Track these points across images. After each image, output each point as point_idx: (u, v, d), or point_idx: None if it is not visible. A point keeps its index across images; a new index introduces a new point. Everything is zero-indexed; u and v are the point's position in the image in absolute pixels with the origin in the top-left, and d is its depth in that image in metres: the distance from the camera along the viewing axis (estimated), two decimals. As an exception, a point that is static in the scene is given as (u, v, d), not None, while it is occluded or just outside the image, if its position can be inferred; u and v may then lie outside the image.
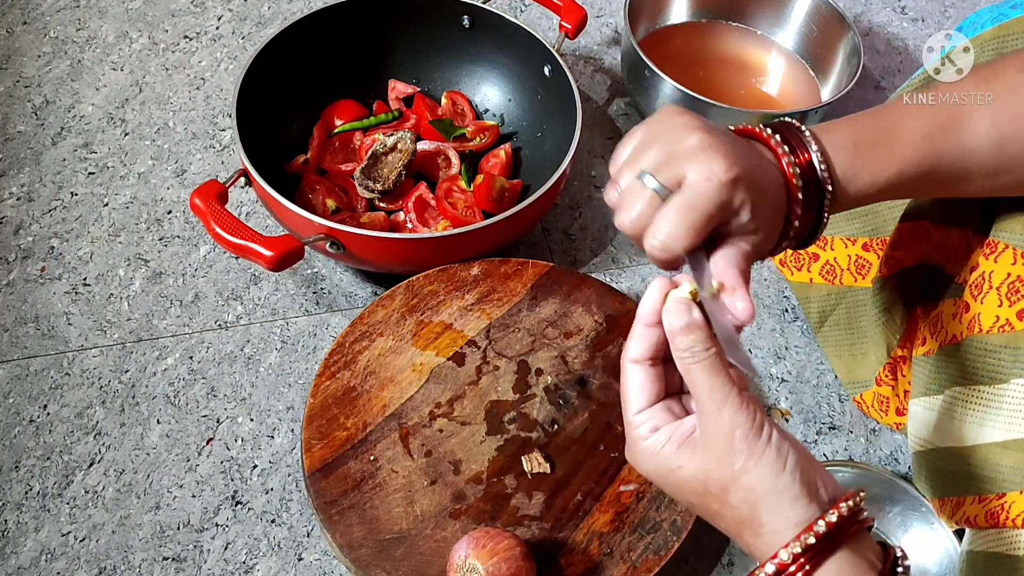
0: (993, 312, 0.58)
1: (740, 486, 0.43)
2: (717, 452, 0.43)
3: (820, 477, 0.43)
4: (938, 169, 0.52)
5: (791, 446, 0.43)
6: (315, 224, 0.74)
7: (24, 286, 0.83)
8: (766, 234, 0.49)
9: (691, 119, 0.48)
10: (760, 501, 0.42)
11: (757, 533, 0.43)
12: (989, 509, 0.59)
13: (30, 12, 1.09)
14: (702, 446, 0.44)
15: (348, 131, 0.93)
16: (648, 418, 0.46)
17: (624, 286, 0.88)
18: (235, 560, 0.68)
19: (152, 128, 0.98)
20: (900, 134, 0.52)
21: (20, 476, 0.71)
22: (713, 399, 0.43)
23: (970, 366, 0.61)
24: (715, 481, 0.44)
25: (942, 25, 1.21)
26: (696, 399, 0.45)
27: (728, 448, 0.43)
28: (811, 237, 0.52)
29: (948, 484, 0.64)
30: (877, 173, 0.51)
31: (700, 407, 0.44)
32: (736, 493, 0.43)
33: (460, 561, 0.59)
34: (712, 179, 0.45)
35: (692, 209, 0.45)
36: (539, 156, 0.93)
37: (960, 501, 0.62)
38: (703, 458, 0.44)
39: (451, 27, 0.95)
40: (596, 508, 0.66)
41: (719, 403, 0.43)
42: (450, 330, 0.76)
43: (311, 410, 0.70)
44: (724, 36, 1.08)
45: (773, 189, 0.48)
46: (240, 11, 1.12)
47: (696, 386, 0.44)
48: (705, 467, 0.44)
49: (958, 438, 0.62)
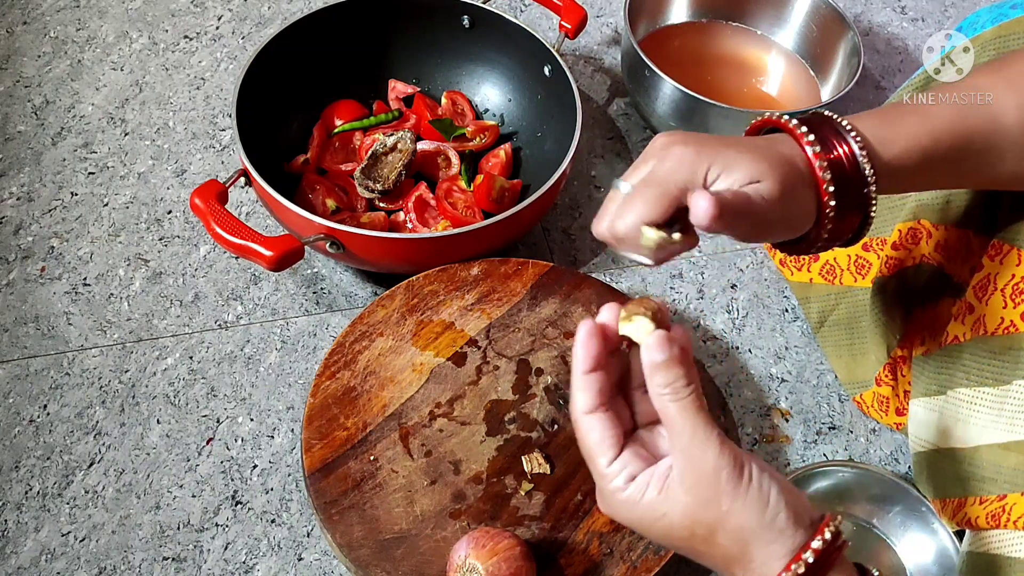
0: (998, 314, 0.58)
1: (729, 527, 0.42)
2: (702, 495, 0.43)
3: (800, 502, 0.43)
4: (972, 144, 0.51)
5: (770, 477, 0.43)
6: (315, 224, 0.74)
7: (24, 286, 0.83)
8: (774, 201, 0.46)
9: (673, 136, 0.48)
10: (750, 539, 0.42)
11: (747, 568, 0.43)
12: (990, 511, 0.59)
13: (30, 12, 1.09)
14: (684, 490, 0.43)
15: (348, 131, 0.93)
16: (622, 467, 0.45)
17: (624, 286, 0.88)
18: (235, 560, 0.68)
19: (152, 128, 0.98)
20: (930, 109, 0.51)
21: (20, 476, 0.71)
22: (696, 440, 0.42)
23: (974, 368, 0.61)
24: (702, 523, 0.43)
25: (942, 25, 1.21)
26: (674, 438, 0.43)
27: (714, 491, 0.42)
28: (860, 231, 0.51)
29: (950, 485, 0.64)
30: (911, 141, 0.50)
31: (680, 447, 0.43)
32: (725, 534, 0.43)
33: (460, 561, 0.59)
34: (666, 149, 0.46)
35: (646, 184, 0.45)
36: (539, 156, 0.93)
37: (962, 502, 0.62)
38: (687, 502, 0.43)
39: (451, 27, 0.95)
40: (596, 508, 0.66)
41: (702, 444, 0.42)
42: (450, 330, 0.76)
43: (311, 410, 0.70)
44: (724, 36, 1.08)
45: (778, 162, 0.47)
46: (240, 11, 1.12)
47: (675, 425, 0.43)
48: (691, 512, 0.43)
49: (960, 439, 0.62)
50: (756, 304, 0.88)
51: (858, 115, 0.52)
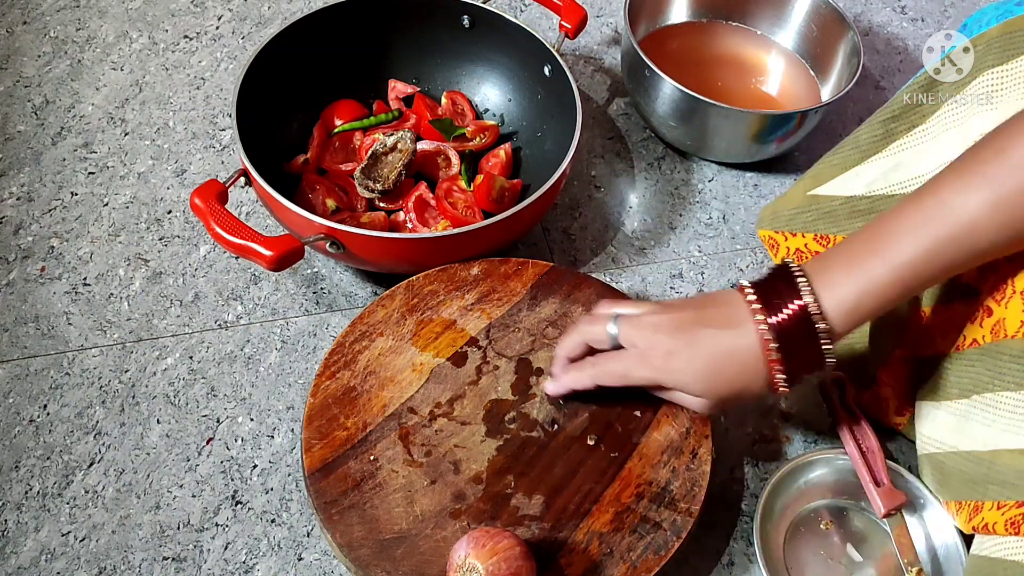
0: (1018, 317, 0.58)
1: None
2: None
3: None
4: (944, 261, 0.55)
5: None
6: (315, 224, 0.74)
7: (24, 286, 0.83)
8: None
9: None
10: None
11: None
12: (1009, 517, 0.58)
13: (30, 12, 1.09)
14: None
15: (348, 131, 0.93)
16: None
17: (624, 286, 0.88)
18: (235, 560, 0.68)
19: (152, 128, 0.98)
20: (892, 246, 0.56)
21: (20, 476, 0.71)
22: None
23: (995, 371, 0.60)
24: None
25: (942, 25, 1.21)
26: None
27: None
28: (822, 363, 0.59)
29: (966, 488, 0.63)
30: (870, 288, 0.57)
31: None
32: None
33: (460, 561, 0.59)
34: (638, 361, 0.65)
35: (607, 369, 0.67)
36: (539, 156, 0.93)
37: (979, 506, 0.62)
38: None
39: (451, 27, 0.95)
40: (596, 508, 0.66)
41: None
42: (450, 330, 0.76)
43: (311, 410, 0.70)
44: (724, 36, 1.08)
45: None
46: (240, 11, 1.12)
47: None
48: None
49: (980, 442, 0.61)
50: (756, 304, 0.88)
51: (817, 266, 0.60)
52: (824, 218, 0.76)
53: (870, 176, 0.72)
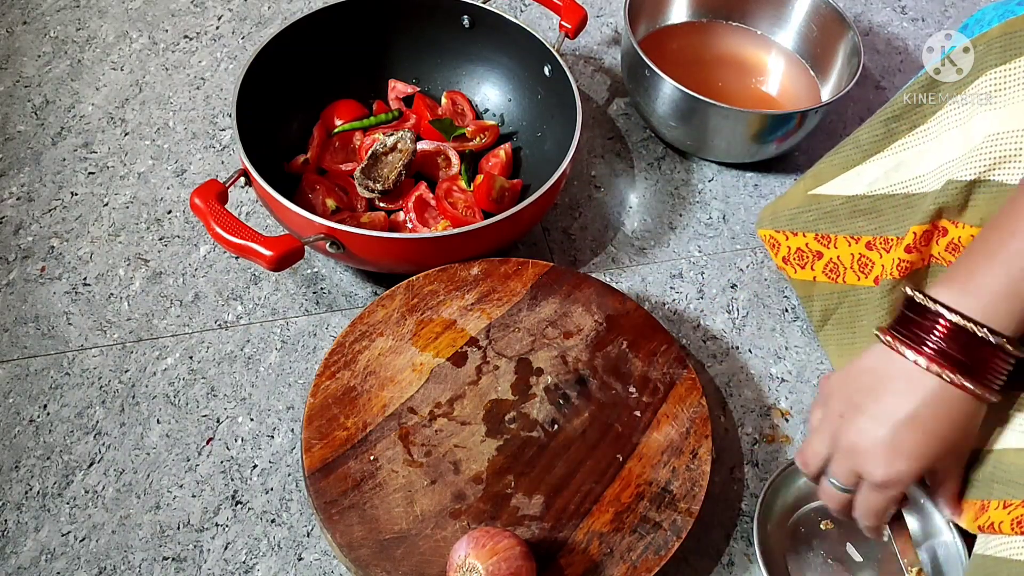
0: None
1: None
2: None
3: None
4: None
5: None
6: (315, 224, 0.74)
7: (24, 286, 0.83)
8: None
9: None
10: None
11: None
12: (1015, 516, 0.58)
13: (30, 12, 1.09)
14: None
15: (348, 131, 0.93)
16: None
17: (624, 286, 0.88)
18: (235, 560, 0.68)
19: (152, 128, 0.98)
20: (1000, 250, 0.56)
21: (20, 476, 0.71)
22: None
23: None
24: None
25: (942, 25, 1.21)
26: None
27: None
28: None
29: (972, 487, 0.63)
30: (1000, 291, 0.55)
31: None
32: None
33: (460, 561, 0.59)
34: (874, 487, 0.60)
35: (868, 508, 0.61)
36: (539, 156, 0.93)
37: (984, 505, 0.61)
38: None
39: (451, 27, 0.95)
40: (596, 508, 0.66)
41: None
42: (450, 330, 0.76)
43: (311, 410, 0.70)
44: (724, 36, 1.08)
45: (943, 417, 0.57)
46: (240, 11, 1.12)
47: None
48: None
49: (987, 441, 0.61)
50: (756, 304, 0.88)
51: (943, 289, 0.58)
52: (825, 218, 0.76)
53: (871, 175, 0.72)
